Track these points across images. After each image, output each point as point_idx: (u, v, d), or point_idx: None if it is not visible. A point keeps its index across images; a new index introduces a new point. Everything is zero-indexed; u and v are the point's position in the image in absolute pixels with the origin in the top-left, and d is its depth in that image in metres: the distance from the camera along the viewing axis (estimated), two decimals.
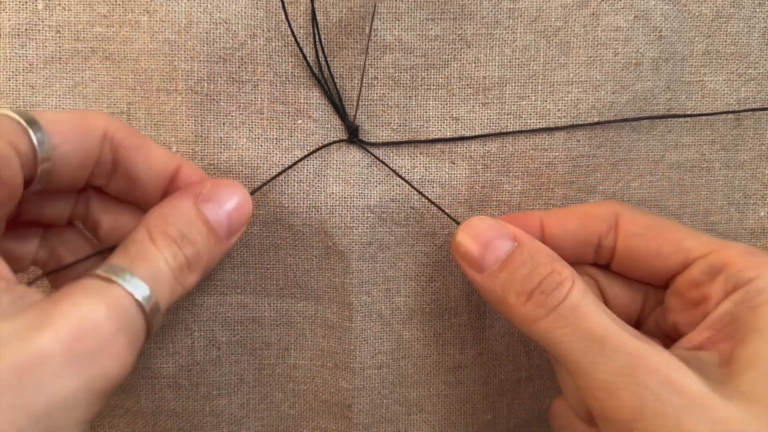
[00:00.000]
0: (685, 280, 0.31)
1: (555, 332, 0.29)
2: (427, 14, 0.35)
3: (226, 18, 0.34)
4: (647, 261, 0.32)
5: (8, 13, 0.34)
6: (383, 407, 0.39)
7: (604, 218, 0.33)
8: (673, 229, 0.32)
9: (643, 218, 0.33)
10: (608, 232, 0.33)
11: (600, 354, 0.28)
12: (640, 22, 0.35)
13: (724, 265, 0.30)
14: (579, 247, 0.33)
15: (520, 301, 0.30)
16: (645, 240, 0.32)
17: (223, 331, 0.37)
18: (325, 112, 0.35)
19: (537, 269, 0.30)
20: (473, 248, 0.32)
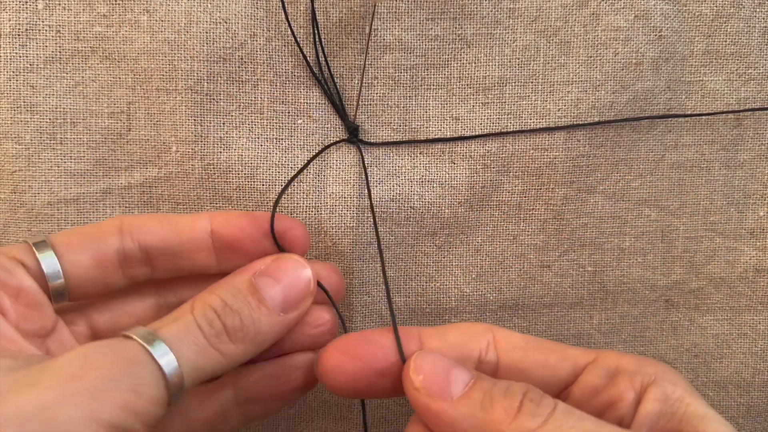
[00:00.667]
0: (585, 389, 0.30)
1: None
2: (427, 14, 0.35)
3: (226, 18, 0.34)
4: (535, 372, 0.31)
5: (8, 13, 0.34)
6: (383, 407, 0.39)
7: (482, 333, 0.32)
8: (551, 343, 0.32)
9: (517, 335, 0.32)
10: (488, 348, 0.31)
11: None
12: (640, 22, 0.35)
13: (619, 367, 0.30)
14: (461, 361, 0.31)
15: (510, 414, 0.27)
16: (528, 352, 0.31)
17: None
18: (325, 112, 0.35)
19: (513, 385, 0.28)
20: (436, 374, 0.29)
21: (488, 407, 0.28)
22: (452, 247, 0.37)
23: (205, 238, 0.31)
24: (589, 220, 0.37)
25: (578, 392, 0.31)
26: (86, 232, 0.30)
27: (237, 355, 0.29)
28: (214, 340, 0.28)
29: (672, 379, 0.29)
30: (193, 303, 0.29)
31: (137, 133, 0.35)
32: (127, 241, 0.30)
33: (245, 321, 0.29)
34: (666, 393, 0.28)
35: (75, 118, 0.35)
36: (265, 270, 0.30)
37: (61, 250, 0.29)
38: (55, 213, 0.35)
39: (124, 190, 0.35)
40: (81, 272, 0.30)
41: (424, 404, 0.28)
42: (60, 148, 0.35)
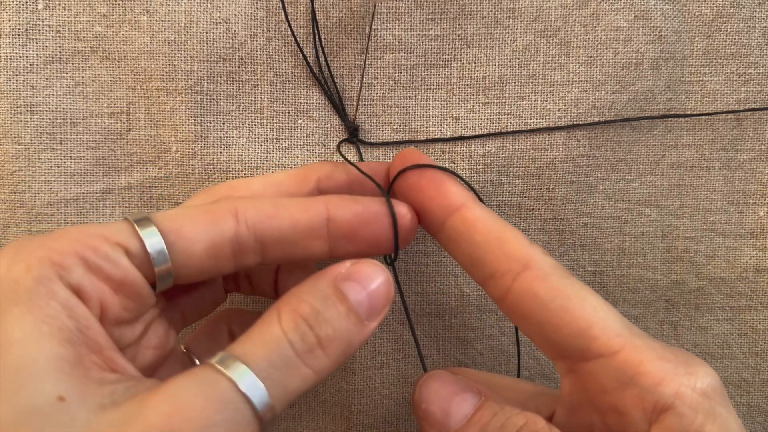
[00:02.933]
0: (592, 381, 0.27)
1: None
2: (427, 14, 0.35)
3: (226, 18, 0.34)
4: (540, 329, 0.28)
5: (8, 13, 0.34)
6: (383, 408, 0.39)
7: (512, 258, 0.28)
8: (584, 306, 0.27)
9: (555, 282, 0.28)
10: (506, 273, 0.28)
11: None
12: (640, 22, 0.35)
13: (636, 375, 0.26)
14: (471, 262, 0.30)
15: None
16: (545, 308, 0.27)
17: None
18: (325, 111, 0.35)
19: (511, 420, 0.27)
20: (437, 404, 0.28)
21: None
22: None
23: (321, 226, 0.29)
24: (590, 220, 0.37)
25: (585, 378, 0.28)
26: (198, 217, 0.27)
27: (327, 370, 0.26)
28: (306, 356, 0.25)
29: (694, 401, 0.25)
30: (280, 313, 0.26)
31: (137, 133, 0.35)
32: (242, 228, 0.28)
33: (338, 331, 0.26)
34: (683, 423, 0.25)
35: (75, 118, 0.35)
36: (348, 274, 0.27)
37: (171, 238, 0.26)
38: (54, 213, 0.35)
39: (124, 190, 0.35)
40: (192, 262, 0.27)
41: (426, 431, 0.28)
42: (60, 148, 0.35)
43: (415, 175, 0.31)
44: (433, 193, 0.30)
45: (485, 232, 0.29)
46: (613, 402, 0.27)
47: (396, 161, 0.32)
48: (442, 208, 0.30)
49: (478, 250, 0.29)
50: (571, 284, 0.28)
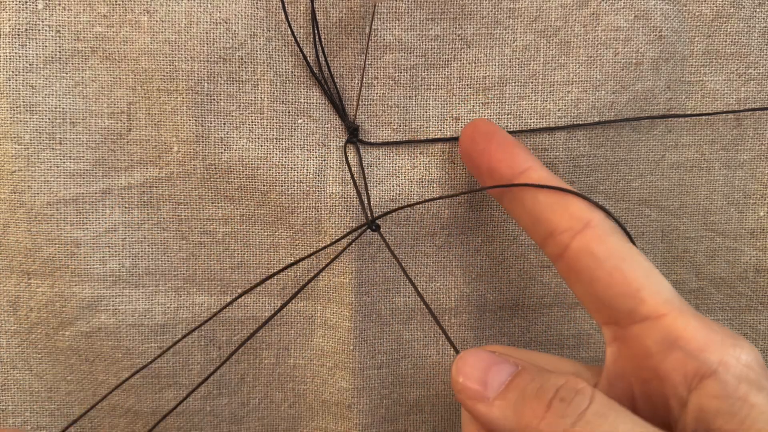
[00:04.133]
0: (635, 344, 0.28)
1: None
2: (427, 14, 0.35)
3: (226, 18, 0.34)
4: (592, 287, 0.29)
5: (8, 13, 0.34)
6: (383, 407, 0.39)
7: (575, 217, 0.30)
8: (636, 268, 0.28)
9: (612, 243, 0.29)
10: (566, 231, 0.29)
11: None
12: (640, 22, 0.35)
13: (679, 339, 0.26)
14: (533, 221, 0.31)
15: (538, 416, 0.26)
16: (600, 266, 0.28)
17: (223, 331, 0.37)
18: (325, 111, 0.35)
19: (550, 381, 0.27)
20: (473, 376, 0.28)
21: (520, 408, 0.27)
22: (452, 247, 0.37)
23: None
24: None
25: (629, 342, 0.28)
26: None
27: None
28: None
29: (739, 371, 0.25)
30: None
31: (138, 134, 0.35)
32: None
33: None
34: (727, 390, 0.25)
35: (75, 118, 0.35)
36: None
37: None
38: (54, 213, 0.35)
39: (124, 190, 0.35)
40: None
41: (466, 406, 0.28)
42: (59, 148, 0.35)
43: (484, 140, 0.32)
44: (501, 156, 0.32)
45: (550, 191, 0.30)
46: (654, 366, 0.27)
47: (467, 129, 0.33)
48: (511, 169, 0.31)
49: (541, 208, 0.30)
50: (628, 248, 0.29)
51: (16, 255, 0.35)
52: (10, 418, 0.37)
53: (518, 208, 0.32)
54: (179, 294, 0.37)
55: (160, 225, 0.36)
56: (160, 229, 0.36)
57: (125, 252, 0.36)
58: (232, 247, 0.36)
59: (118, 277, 0.36)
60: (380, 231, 0.35)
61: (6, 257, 0.36)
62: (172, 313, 0.37)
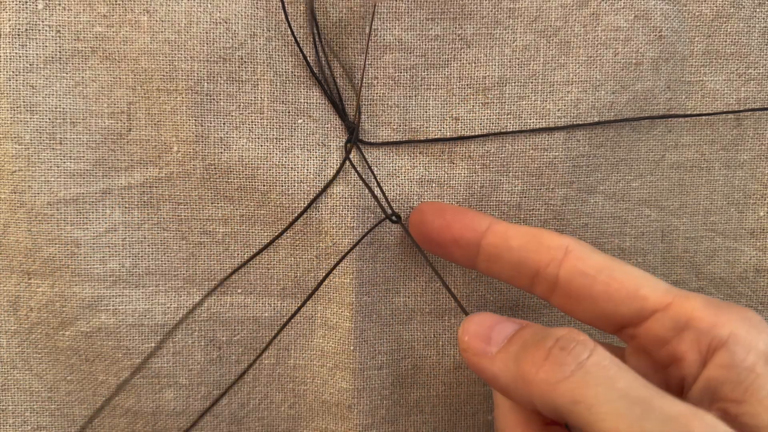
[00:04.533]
0: (650, 337, 0.28)
1: (586, 393, 0.24)
2: (427, 14, 0.35)
3: (226, 18, 0.34)
4: (596, 304, 0.29)
5: (8, 13, 0.34)
6: (383, 408, 0.39)
7: (553, 246, 0.30)
8: (628, 273, 0.29)
9: (595, 258, 0.30)
10: (550, 263, 0.30)
11: (646, 418, 0.23)
12: (640, 22, 0.35)
13: (690, 320, 0.27)
14: (515, 268, 0.31)
15: (537, 363, 0.26)
16: (595, 282, 0.29)
17: (223, 331, 0.37)
18: (326, 111, 0.35)
19: (551, 332, 0.27)
20: (478, 333, 0.29)
21: (521, 358, 0.27)
22: None
23: None
24: (590, 221, 0.37)
25: (644, 338, 0.28)
26: None
27: None
28: None
29: (748, 342, 0.26)
30: None
31: (138, 133, 0.35)
32: None
33: None
34: (735, 359, 0.25)
35: (75, 118, 0.35)
36: None
37: None
38: (54, 213, 0.35)
39: (124, 190, 0.35)
40: None
41: (471, 363, 0.29)
42: (60, 148, 0.35)
43: (438, 217, 0.33)
44: (461, 224, 0.32)
45: (519, 236, 0.31)
46: (671, 351, 0.27)
47: (415, 216, 0.34)
48: (475, 232, 0.32)
49: (518, 253, 0.31)
50: (610, 258, 0.30)
51: (17, 255, 0.35)
52: (10, 418, 0.37)
53: (496, 264, 0.32)
54: (179, 294, 0.37)
55: (160, 225, 0.36)
56: (160, 229, 0.36)
57: (125, 252, 0.36)
58: (232, 248, 0.36)
59: (118, 277, 0.36)
60: (402, 222, 0.36)
61: (6, 257, 0.36)
62: (172, 313, 0.37)
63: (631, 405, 0.24)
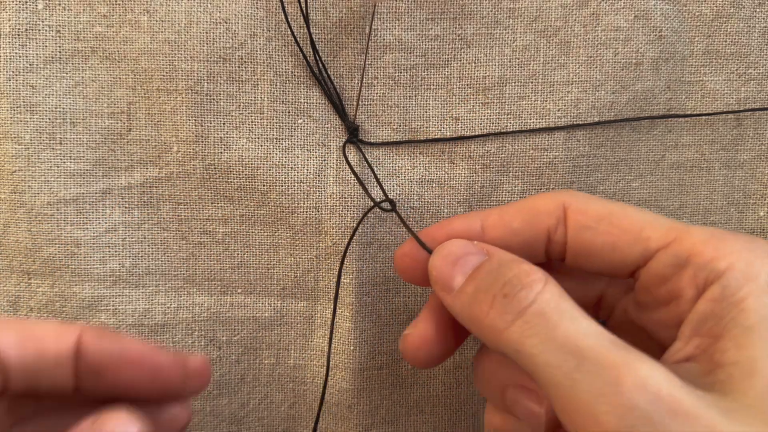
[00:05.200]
0: (651, 276, 0.27)
1: (524, 343, 0.24)
2: (427, 14, 0.35)
3: (226, 18, 0.34)
4: (603, 255, 0.28)
5: (8, 13, 0.34)
6: (383, 408, 0.39)
7: (551, 212, 0.29)
8: (629, 217, 0.28)
9: (594, 207, 0.29)
10: (557, 226, 0.29)
11: (578, 369, 0.23)
12: (640, 22, 0.35)
13: (690, 256, 0.26)
14: (526, 247, 0.30)
15: (483, 311, 0.26)
16: (598, 233, 0.28)
17: (223, 331, 0.37)
18: (326, 111, 0.35)
19: (501, 273, 0.27)
20: (443, 268, 0.29)
21: (473, 302, 0.27)
22: None
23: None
24: None
25: (646, 278, 0.28)
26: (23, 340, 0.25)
27: None
28: None
29: (746, 274, 0.24)
30: None
31: (138, 133, 0.35)
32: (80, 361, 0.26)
33: None
34: (725, 293, 0.24)
35: (75, 118, 0.35)
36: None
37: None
38: (54, 213, 0.35)
39: (124, 190, 0.35)
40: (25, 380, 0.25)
41: (440, 296, 0.29)
42: (60, 148, 0.35)
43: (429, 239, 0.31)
44: (458, 228, 0.31)
45: (515, 209, 0.30)
46: (670, 289, 0.27)
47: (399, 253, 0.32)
48: (470, 233, 0.30)
49: (524, 233, 0.30)
50: (609, 203, 0.29)
51: (17, 255, 0.35)
52: None
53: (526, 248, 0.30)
54: (179, 294, 0.37)
55: (160, 225, 0.36)
56: (160, 229, 0.36)
57: (125, 252, 0.36)
58: (232, 248, 0.36)
59: (118, 277, 0.36)
60: (395, 209, 0.34)
61: (6, 257, 0.36)
62: (172, 313, 0.37)
63: (565, 356, 0.23)
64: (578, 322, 0.24)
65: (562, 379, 0.23)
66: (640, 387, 0.22)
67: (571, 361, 0.23)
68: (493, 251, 0.28)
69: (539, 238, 0.30)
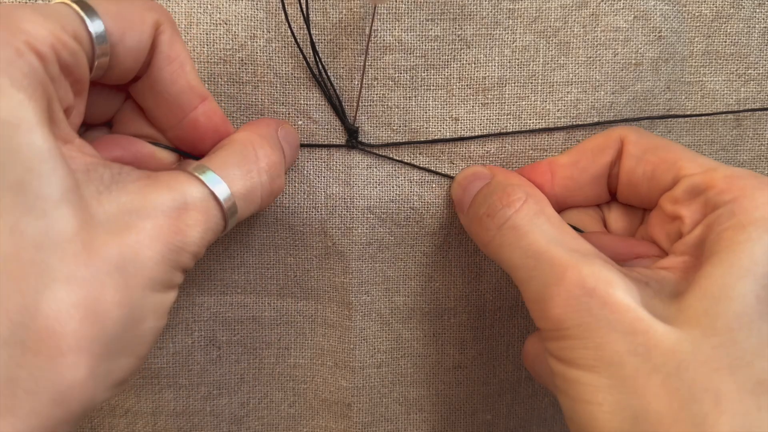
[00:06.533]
0: (669, 197, 0.30)
1: (501, 251, 0.29)
2: (427, 14, 0.34)
3: (226, 19, 0.34)
4: (642, 185, 0.32)
5: None
6: (383, 406, 0.39)
7: (611, 146, 0.33)
8: (672, 150, 0.31)
9: (645, 140, 0.32)
10: (616, 160, 0.33)
11: (534, 268, 0.28)
12: (639, 22, 0.35)
13: (707, 187, 0.28)
14: (594, 184, 0.33)
15: (475, 229, 0.31)
16: (641, 162, 0.31)
17: (223, 331, 0.37)
18: (326, 113, 0.35)
19: (488, 195, 0.31)
20: (457, 192, 0.34)
21: (471, 221, 0.32)
22: (452, 247, 0.37)
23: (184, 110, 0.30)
24: None
25: (664, 200, 0.31)
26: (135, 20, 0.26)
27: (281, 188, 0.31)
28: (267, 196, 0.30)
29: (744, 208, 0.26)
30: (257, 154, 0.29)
31: None
32: None
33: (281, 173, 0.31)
34: (718, 220, 0.27)
35: None
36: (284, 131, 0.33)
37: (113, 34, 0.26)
38: None
39: None
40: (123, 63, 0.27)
41: (459, 216, 0.34)
42: None
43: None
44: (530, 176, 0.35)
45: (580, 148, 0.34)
46: (674, 210, 0.30)
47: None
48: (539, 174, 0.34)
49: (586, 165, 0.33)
50: (661, 139, 0.32)
51: None
52: None
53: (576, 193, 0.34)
54: (179, 294, 0.37)
55: None
56: None
57: None
58: (232, 248, 0.36)
59: None
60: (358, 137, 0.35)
61: None
62: (171, 313, 0.37)
63: (527, 259, 0.28)
64: (542, 232, 0.29)
65: (525, 277, 0.28)
66: (578, 282, 0.26)
67: (531, 262, 0.28)
68: (495, 173, 0.34)
69: (602, 172, 0.33)
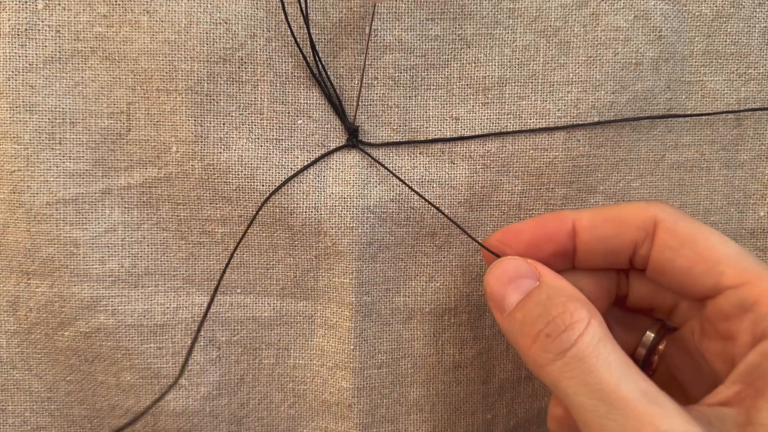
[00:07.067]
0: (716, 310, 0.29)
1: (562, 382, 0.26)
2: (427, 14, 0.34)
3: (226, 18, 0.34)
4: (678, 277, 0.30)
5: (8, 13, 0.34)
6: (383, 407, 0.39)
7: (640, 225, 0.30)
8: (711, 246, 0.29)
9: (682, 228, 0.30)
10: (644, 241, 0.31)
11: (607, 416, 0.25)
12: (640, 22, 0.35)
13: (755, 304, 0.27)
14: (612, 254, 0.31)
15: (527, 344, 0.28)
16: (678, 255, 0.29)
17: (223, 331, 0.37)
18: (325, 112, 0.35)
19: (548, 309, 0.28)
20: (496, 288, 0.30)
21: (519, 331, 0.29)
22: (452, 247, 0.37)
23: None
24: None
25: (711, 310, 0.29)
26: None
27: None
28: None
29: None
30: None
31: (137, 134, 0.35)
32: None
33: None
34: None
35: (74, 118, 0.35)
36: None
37: None
38: (54, 213, 0.35)
39: (124, 190, 0.35)
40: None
41: (492, 311, 0.31)
42: (59, 148, 0.35)
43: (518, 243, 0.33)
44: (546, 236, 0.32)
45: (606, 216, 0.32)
46: (728, 328, 0.28)
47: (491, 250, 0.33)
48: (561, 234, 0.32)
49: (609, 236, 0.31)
50: (697, 225, 0.30)
51: (16, 255, 0.35)
52: (10, 417, 0.37)
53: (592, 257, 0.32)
54: (178, 294, 0.37)
55: (160, 225, 0.36)
56: (160, 229, 0.36)
57: (125, 252, 0.36)
58: (231, 248, 0.36)
59: (118, 278, 0.36)
60: (359, 135, 0.35)
61: (5, 257, 0.36)
62: (171, 313, 0.37)
63: (597, 401, 0.25)
64: (613, 368, 0.26)
65: (592, 421, 0.25)
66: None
67: (602, 407, 0.25)
68: (544, 275, 0.30)
69: (626, 248, 0.31)
